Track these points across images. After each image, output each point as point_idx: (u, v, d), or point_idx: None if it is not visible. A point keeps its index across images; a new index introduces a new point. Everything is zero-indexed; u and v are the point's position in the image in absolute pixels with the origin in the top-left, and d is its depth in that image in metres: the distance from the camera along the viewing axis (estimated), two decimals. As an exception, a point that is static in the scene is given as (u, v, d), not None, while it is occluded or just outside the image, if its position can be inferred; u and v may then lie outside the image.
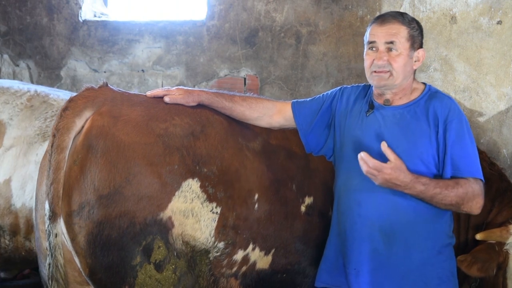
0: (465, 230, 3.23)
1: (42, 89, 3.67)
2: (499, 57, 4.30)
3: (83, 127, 2.59)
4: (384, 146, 2.54)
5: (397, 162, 2.52)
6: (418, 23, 2.77)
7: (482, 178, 2.67)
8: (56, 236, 2.48)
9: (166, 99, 2.78)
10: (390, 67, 2.69)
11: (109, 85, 2.79)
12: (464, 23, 4.39)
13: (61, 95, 3.60)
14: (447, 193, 2.58)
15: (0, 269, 3.68)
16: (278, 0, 4.92)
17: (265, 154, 2.93)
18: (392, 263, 2.71)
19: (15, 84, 3.66)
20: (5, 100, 3.49)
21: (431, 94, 2.78)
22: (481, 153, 3.32)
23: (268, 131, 3.02)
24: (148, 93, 2.84)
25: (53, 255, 2.49)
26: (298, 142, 3.05)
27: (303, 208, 2.99)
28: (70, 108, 2.59)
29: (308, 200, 3.01)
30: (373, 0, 4.67)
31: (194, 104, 2.83)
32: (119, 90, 2.81)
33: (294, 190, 2.97)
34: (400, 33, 2.69)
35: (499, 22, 4.30)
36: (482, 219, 3.22)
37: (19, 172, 3.29)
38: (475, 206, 2.64)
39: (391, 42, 2.68)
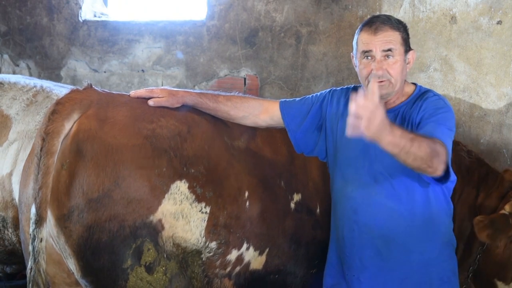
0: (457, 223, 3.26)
1: (47, 84, 3.69)
2: (499, 57, 4.30)
3: (70, 130, 2.58)
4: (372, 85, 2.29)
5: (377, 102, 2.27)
6: (404, 24, 2.72)
7: (447, 146, 2.51)
8: (41, 241, 2.46)
9: (151, 102, 2.74)
10: (389, 76, 2.64)
11: (93, 86, 2.77)
12: (464, 23, 4.39)
13: (64, 90, 3.61)
14: (421, 140, 2.37)
15: (6, 263, 3.68)
16: (278, 0, 4.92)
17: (251, 151, 2.92)
18: (392, 267, 2.70)
19: (21, 79, 3.68)
20: (13, 96, 3.51)
21: (421, 95, 2.75)
22: (457, 144, 3.35)
23: (253, 129, 3.00)
24: (132, 93, 2.81)
25: (36, 260, 2.46)
26: (283, 139, 3.04)
27: (292, 205, 2.99)
28: (58, 111, 2.57)
29: (296, 197, 3.01)
30: (373, 0, 4.67)
31: (178, 105, 2.80)
32: (104, 91, 2.79)
33: (283, 187, 2.97)
34: (395, 39, 2.64)
35: (499, 22, 4.30)
36: (470, 208, 3.29)
37: (18, 167, 3.31)
38: (440, 163, 2.42)
39: (389, 50, 2.63)
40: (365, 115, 2.21)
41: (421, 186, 2.65)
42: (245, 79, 5.05)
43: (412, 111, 2.68)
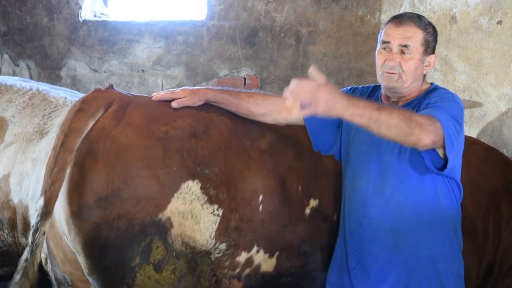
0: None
1: (43, 87, 3.68)
2: (499, 57, 4.30)
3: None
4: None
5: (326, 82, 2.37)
6: (434, 28, 2.75)
7: (442, 124, 2.48)
8: (43, 234, 2.44)
9: (174, 104, 2.73)
10: (400, 70, 2.66)
11: (113, 86, 2.79)
12: (464, 23, 4.39)
13: (61, 93, 3.62)
14: (391, 108, 2.41)
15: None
16: (278, 0, 4.93)
17: (271, 154, 2.86)
18: (401, 261, 2.71)
19: (17, 82, 3.68)
20: (9, 99, 3.52)
21: (433, 89, 2.78)
22: (509, 164, 3.31)
23: (277, 129, 2.94)
24: (154, 96, 2.82)
25: (34, 252, 2.43)
26: (307, 141, 2.97)
27: (307, 211, 2.94)
28: (84, 110, 2.57)
29: (313, 203, 2.95)
30: (373, 0, 4.67)
31: (201, 103, 2.78)
32: (123, 92, 2.80)
33: (299, 192, 2.91)
34: (415, 37, 2.66)
35: (499, 22, 4.30)
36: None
37: (17, 169, 3.32)
38: (422, 131, 2.40)
39: (405, 46, 2.65)
40: (306, 98, 2.32)
41: (430, 180, 2.66)
42: (245, 79, 5.06)
43: (421, 103, 2.71)
